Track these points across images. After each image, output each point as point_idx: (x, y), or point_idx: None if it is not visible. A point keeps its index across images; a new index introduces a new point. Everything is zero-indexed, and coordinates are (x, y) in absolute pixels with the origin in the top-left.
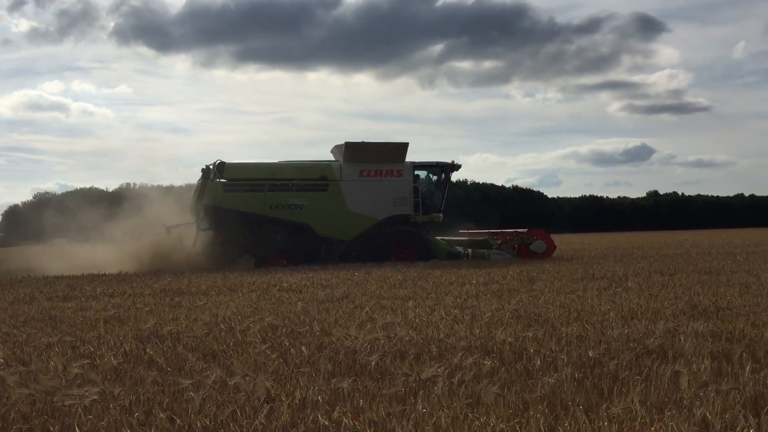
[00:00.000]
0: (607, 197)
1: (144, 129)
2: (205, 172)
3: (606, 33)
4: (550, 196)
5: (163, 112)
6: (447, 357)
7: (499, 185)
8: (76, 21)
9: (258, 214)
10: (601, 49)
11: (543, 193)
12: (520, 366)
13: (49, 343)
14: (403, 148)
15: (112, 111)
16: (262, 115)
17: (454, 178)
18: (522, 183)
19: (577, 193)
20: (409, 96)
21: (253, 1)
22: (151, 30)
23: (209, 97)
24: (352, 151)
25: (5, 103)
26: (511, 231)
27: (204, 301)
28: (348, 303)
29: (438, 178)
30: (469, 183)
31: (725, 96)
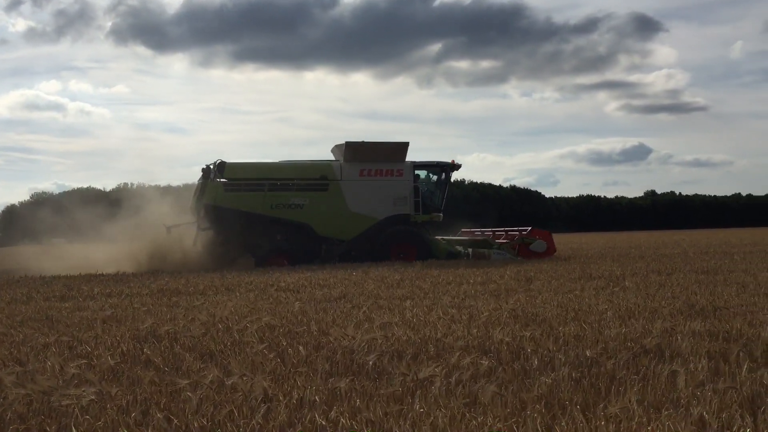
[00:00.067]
0: (604, 197)
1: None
2: (206, 171)
3: (603, 33)
4: (547, 195)
5: (161, 111)
6: (444, 357)
7: (497, 185)
8: (74, 21)
9: (258, 213)
10: (598, 49)
11: (540, 192)
12: (517, 365)
13: (46, 343)
14: (403, 148)
15: (109, 111)
16: (260, 114)
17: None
18: (520, 183)
19: (574, 193)
20: (407, 95)
21: (250, 0)
22: (149, 30)
23: (207, 96)
24: (352, 150)
25: (2, 103)
26: (515, 230)
27: (201, 301)
28: (345, 303)
29: (438, 177)
30: (466, 183)
31: (723, 96)
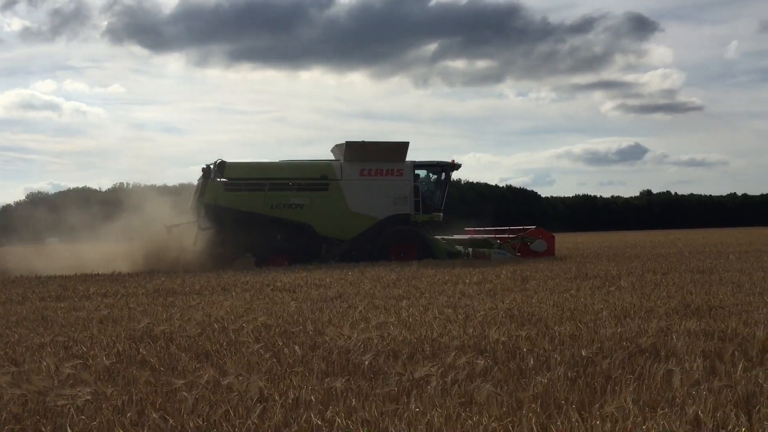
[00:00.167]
0: (600, 196)
1: (137, 128)
2: (206, 171)
3: (599, 32)
4: (543, 195)
5: (157, 111)
6: (440, 356)
7: (493, 185)
8: (69, 20)
9: (258, 213)
10: (594, 49)
11: (537, 192)
12: (513, 365)
13: (41, 343)
14: (403, 148)
15: (105, 110)
16: (256, 114)
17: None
18: (516, 182)
19: (570, 193)
20: (403, 95)
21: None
22: (145, 29)
23: (203, 96)
24: (352, 150)
25: None
26: (518, 230)
27: (197, 301)
28: (342, 302)
29: (438, 177)
30: (463, 182)
31: (718, 95)
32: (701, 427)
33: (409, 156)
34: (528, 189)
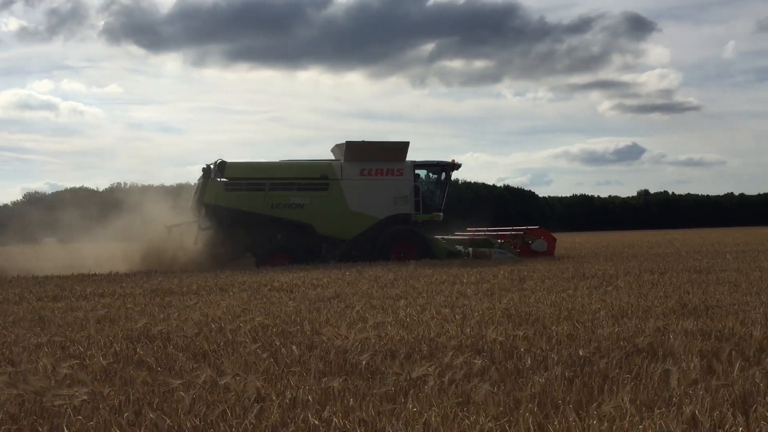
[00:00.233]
0: (597, 196)
1: (134, 128)
2: (206, 171)
3: (596, 32)
4: (541, 195)
5: (154, 111)
6: (437, 356)
7: (491, 184)
8: (66, 20)
9: (259, 213)
10: (591, 49)
11: (534, 192)
12: (510, 365)
13: (38, 344)
14: (403, 148)
15: (102, 110)
16: (254, 114)
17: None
18: (513, 182)
19: (568, 192)
20: (401, 95)
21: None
22: (142, 29)
23: (200, 96)
24: (352, 150)
25: None
26: (521, 230)
27: (195, 301)
28: (339, 302)
29: (438, 177)
30: (460, 182)
31: (715, 95)
32: (698, 427)
33: (408, 156)
34: (525, 189)
